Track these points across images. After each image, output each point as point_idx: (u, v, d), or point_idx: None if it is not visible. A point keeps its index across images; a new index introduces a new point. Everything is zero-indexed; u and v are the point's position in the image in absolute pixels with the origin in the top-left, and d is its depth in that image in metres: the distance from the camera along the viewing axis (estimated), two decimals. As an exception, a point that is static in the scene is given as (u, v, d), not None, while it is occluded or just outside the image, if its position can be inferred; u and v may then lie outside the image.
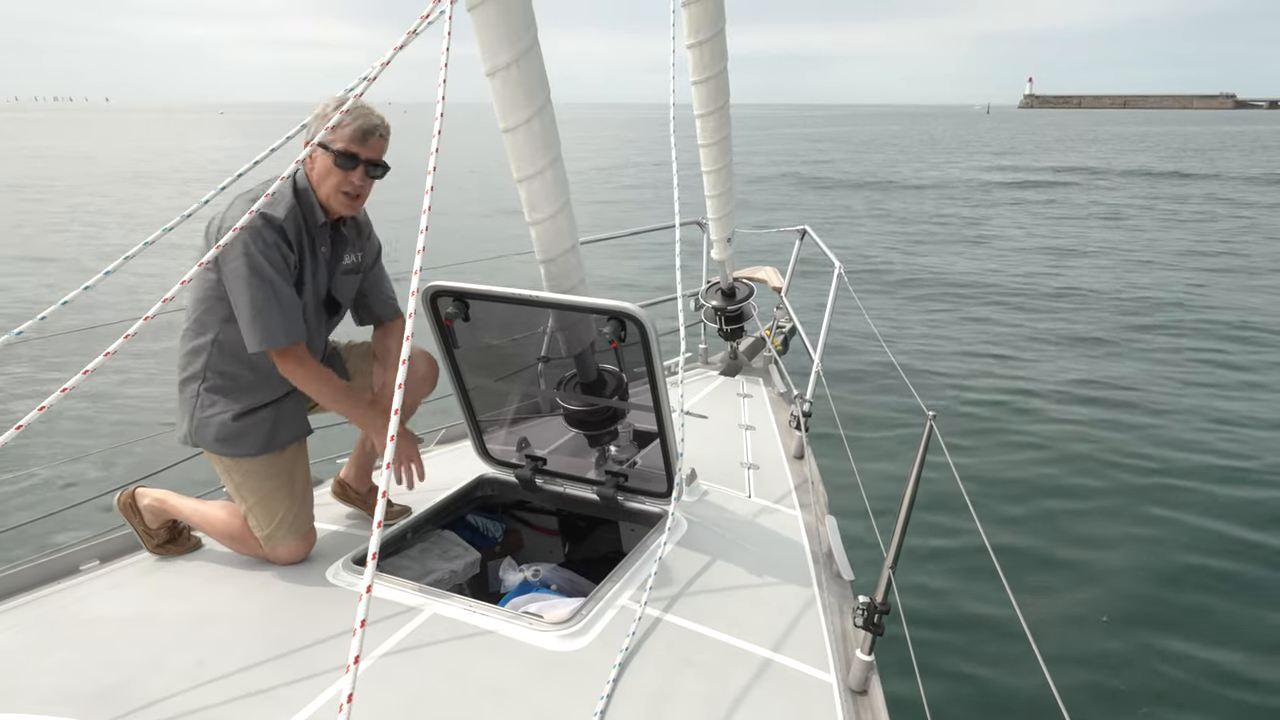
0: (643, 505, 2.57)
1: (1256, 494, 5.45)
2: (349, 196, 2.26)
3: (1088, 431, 6.49)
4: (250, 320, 2.13)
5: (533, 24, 2.17)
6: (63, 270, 13.07)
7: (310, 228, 2.26)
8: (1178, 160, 37.97)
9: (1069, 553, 4.74)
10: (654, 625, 2.04)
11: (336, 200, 2.26)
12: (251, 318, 2.13)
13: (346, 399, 2.32)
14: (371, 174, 2.27)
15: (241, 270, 2.11)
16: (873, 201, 23.12)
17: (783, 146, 51.17)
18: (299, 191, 2.23)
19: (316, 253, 2.30)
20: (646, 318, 2.16)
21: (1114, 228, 17.90)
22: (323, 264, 2.33)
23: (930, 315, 10.23)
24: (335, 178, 2.22)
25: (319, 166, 2.23)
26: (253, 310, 2.12)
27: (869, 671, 1.90)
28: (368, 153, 2.23)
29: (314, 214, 2.26)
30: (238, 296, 2.14)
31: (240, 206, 2.11)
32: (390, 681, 1.81)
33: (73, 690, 1.77)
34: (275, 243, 2.14)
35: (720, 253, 4.12)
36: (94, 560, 2.35)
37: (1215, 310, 10.42)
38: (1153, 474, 5.76)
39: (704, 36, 3.34)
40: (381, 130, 2.24)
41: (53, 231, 16.96)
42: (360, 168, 2.23)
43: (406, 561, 2.46)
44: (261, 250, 2.11)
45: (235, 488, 2.32)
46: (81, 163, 36.59)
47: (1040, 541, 4.87)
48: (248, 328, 2.15)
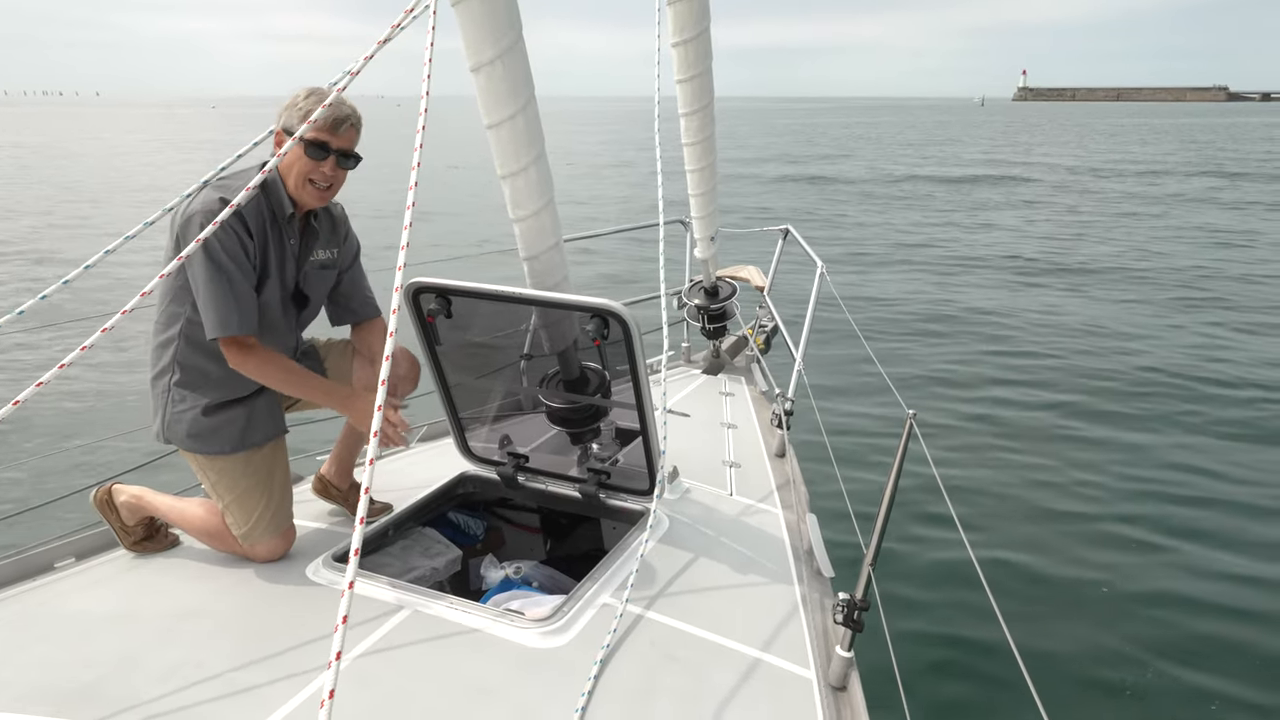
0: (625, 503, 2.58)
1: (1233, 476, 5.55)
2: (318, 188, 2.22)
3: (1068, 429, 6.57)
4: (205, 306, 2.11)
5: (517, 20, 2.16)
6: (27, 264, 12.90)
7: (278, 218, 2.23)
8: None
9: (1049, 550, 4.80)
10: (635, 622, 2.05)
11: (306, 191, 2.21)
12: (206, 303, 2.11)
13: (302, 381, 2.27)
14: (343, 164, 2.24)
15: (199, 258, 2.08)
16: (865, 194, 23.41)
17: (765, 140, 51.35)
18: (267, 181, 2.19)
19: (284, 244, 2.26)
20: (630, 315, 2.16)
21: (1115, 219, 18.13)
22: (290, 256, 2.29)
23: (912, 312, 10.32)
24: (304, 166, 2.18)
25: (288, 156, 2.18)
26: (208, 295, 2.10)
27: (849, 668, 1.91)
28: (339, 142, 2.20)
29: (281, 205, 2.23)
30: (196, 281, 2.11)
31: (204, 194, 2.10)
32: (371, 679, 1.80)
33: (48, 688, 1.75)
34: (233, 229, 2.10)
35: (703, 251, 4.14)
36: (70, 557, 2.33)
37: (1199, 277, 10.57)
38: (1132, 469, 5.85)
39: (688, 35, 3.35)
40: (353, 120, 2.21)
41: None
42: (331, 158, 2.20)
43: (387, 559, 2.45)
44: (218, 236, 2.06)
45: (211, 486, 2.30)
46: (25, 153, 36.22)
47: (1020, 539, 4.92)
48: (204, 313, 2.12)
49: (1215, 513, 5.27)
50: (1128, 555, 4.77)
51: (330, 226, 2.42)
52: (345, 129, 2.20)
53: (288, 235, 2.27)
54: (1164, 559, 4.72)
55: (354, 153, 2.25)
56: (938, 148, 44.65)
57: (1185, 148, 44.05)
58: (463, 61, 2.19)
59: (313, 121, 2.07)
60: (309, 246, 2.35)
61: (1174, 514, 5.24)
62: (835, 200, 22.19)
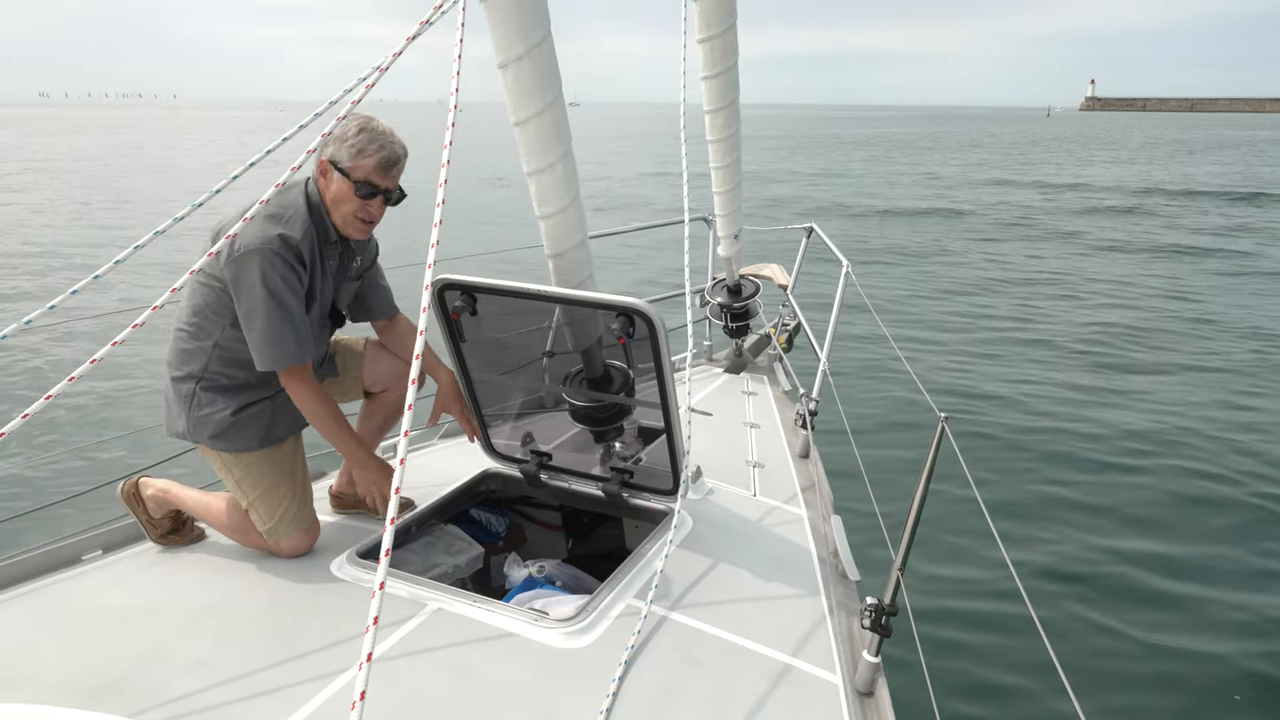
0: (648, 502, 2.56)
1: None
2: (364, 223, 2.25)
3: (1104, 437, 6.46)
4: (263, 343, 2.12)
5: (546, 17, 2.15)
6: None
7: (321, 244, 2.25)
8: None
9: (1086, 557, 4.72)
10: (659, 623, 2.03)
11: (352, 226, 2.24)
12: (264, 341, 2.12)
13: (339, 434, 2.30)
14: (389, 202, 2.26)
15: (258, 294, 2.08)
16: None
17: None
18: (312, 208, 2.20)
19: (325, 267, 2.28)
20: (656, 314, 2.14)
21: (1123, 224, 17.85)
22: (330, 278, 2.32)
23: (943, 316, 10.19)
24: (353, 205, 2.20)
25: (335, 189, 2.19)
26: (267, 333, 2.11)
27: (876, 673, 1.89)
28: (389, 183, 2.21)
29: (326, 232, 2.25)
30: (252, 318, 2.11)
31: (257, 225, 2.08)
32: (395, 676, 1.80)
33: (76, 679, 1.76)
34: (290, 264, 2.11)
35: (727, 249, 4.11)
36: (97, 550, 2.34)
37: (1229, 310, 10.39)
38: (1170, 477, 5.74)
39: (715, 31, 3.32)
40: (403, 160, 2.23)
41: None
42: (379, 197, 2.21)
43: (410, 555, 2.44)
44: (280, 273, 2.08)
45: (236, 483, 2.31)
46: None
47: (1056, 546, 4.83)
48: (259, 349, 2.13)
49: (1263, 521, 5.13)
50: (1172, 564, 4.64)
51: (362, 242, 2.43)
52: (396, 172, 2.22)
53: (328, 258, 2.29)
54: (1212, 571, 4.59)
55: (400, 190, 2.27)
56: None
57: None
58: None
59: (370, 166, 2.10)
60: (346, 265, 2.37)
61: (1220, 519, 5.11)
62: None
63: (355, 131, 2.14)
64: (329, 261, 2.29)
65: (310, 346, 2.20)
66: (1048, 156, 44.16)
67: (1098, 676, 3.72)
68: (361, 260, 2.44)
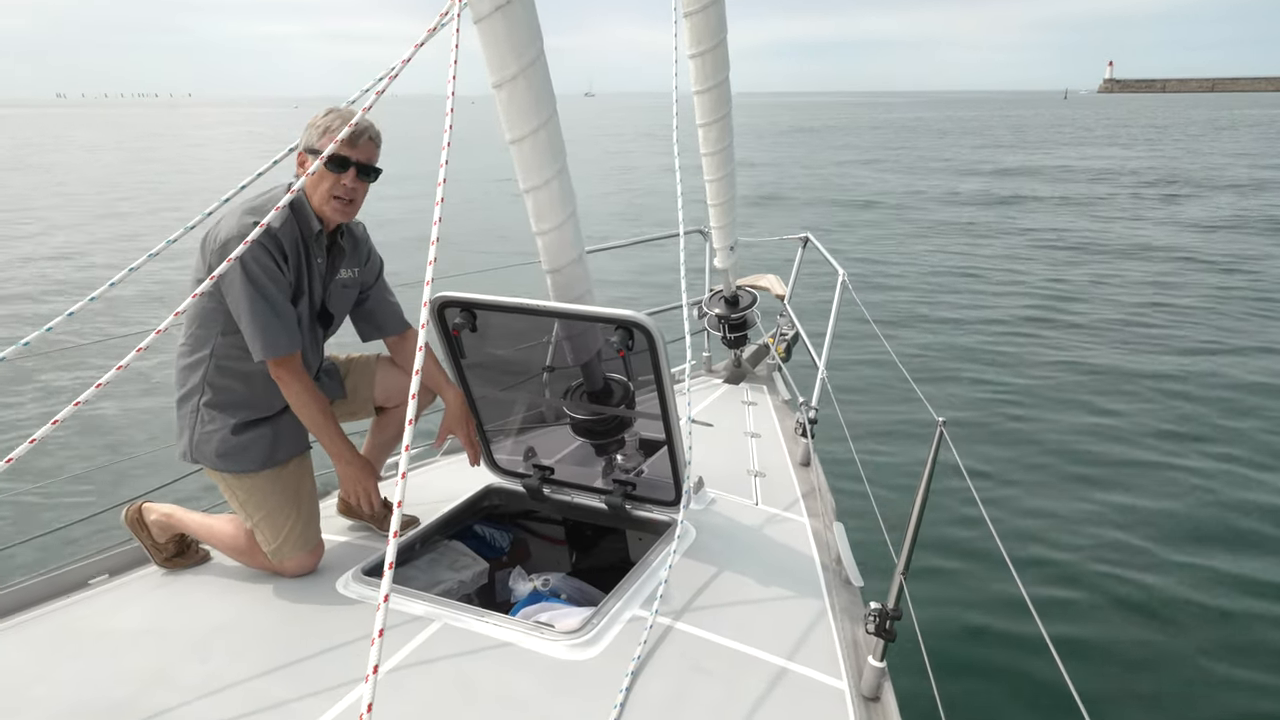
0: (651, 514, 2.57)
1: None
2: (342, 201, 2.26)
3: (1106, 438, 6.46)
4: (252, 331, 2.15)
5: (538, 37, 2.18)
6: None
7: (305, 238, 2.27)
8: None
9: (1087, 558, 4.72)
10: (665, 633, 2.04)
11: (330, 206, 2.26)
12: (253, 328, 2.14)
13: (324, 422, 2.31)
14: (363, 177, 2.27)
15: (238, 281, 2.11)
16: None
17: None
18: (295, 202, 2.23)
19: (312, 263, 2.30)
20: (655, 327, 2.16)
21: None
22: (317, 275, 2.33)
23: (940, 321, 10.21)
24: (327, 182, 2.23)
25: (312, 172, 2.23)
26: (253, 321, 2.14)
27: (881, 678, 1.89)
28: (358, 155, 2.23)
29: (309, 224, 2.27)
30: (238, 308, 2.15)
31: (235, 218, 2.13)
32: (403, 692, 1.81)
33: (83, 703, 1.77)
34: (268, 251, 2.14)
35: (723, 261, 4.13)
36: (103, 574, 2.35)
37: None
38: (1169, 476, 5.74)
39: (705, 47, 3.36)
40: (371, 133, 2.25)
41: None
42: (351, 170, 2.23)
43: (414, 572, 2.45)
44: (256, 259, 2.11)
45: (240, 504, 2.32)
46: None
47: (1057, 548, 4.84)
48: (251, 339, 2.16)
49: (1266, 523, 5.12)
50: (1173, 567, 4.64)
51: (353, 246, 2.45)
52: (363, 141, 2.23)
53: (315, 254, 2.30)
54: (1209, 572, 4.59)
55: (374, 166, 2.29)
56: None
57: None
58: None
59: (336, 140, 2.10)
60: (335, 265, 2.39)
61: (1223, 525, 5.10)
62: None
63: (323, 115, 2.22)
64: (316, 259, 2.31)
65: (298, 337, 2.23)
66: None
67: (1104, 679, 3.71)
68: (360, 271, 2.46)
